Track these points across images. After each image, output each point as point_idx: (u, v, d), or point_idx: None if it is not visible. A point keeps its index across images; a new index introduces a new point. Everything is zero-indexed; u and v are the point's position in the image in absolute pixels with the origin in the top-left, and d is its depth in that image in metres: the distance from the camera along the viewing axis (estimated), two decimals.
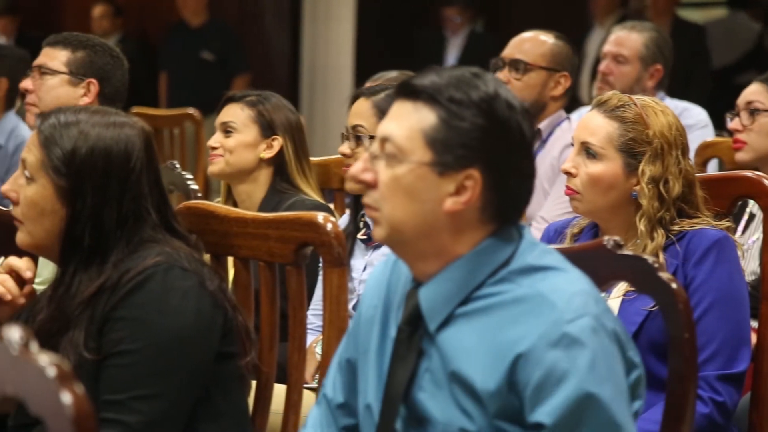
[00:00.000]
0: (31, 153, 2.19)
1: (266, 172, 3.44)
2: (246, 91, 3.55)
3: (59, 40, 3.43)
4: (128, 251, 2.16)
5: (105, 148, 2.17)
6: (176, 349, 2.12)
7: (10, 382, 1.30)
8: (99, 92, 3.40)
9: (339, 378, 1.98)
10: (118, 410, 2.07)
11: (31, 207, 2.18)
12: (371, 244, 3.20)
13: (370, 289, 1.96)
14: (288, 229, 2.36)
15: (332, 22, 8.97)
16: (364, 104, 3.22)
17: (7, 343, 1.31)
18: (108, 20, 8.95)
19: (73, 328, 2.13)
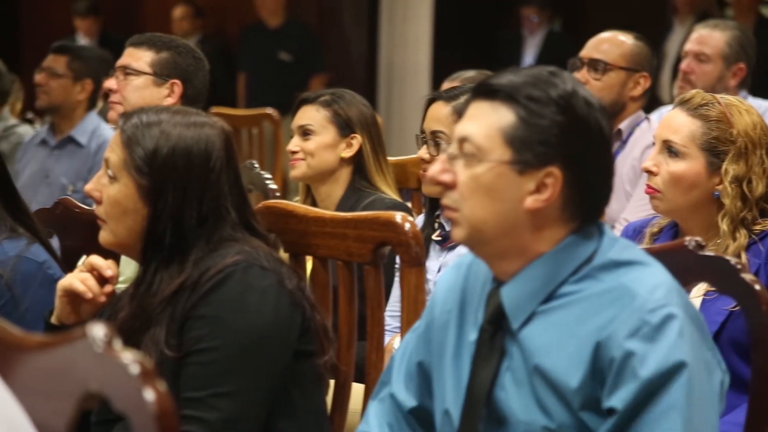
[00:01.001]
0: (114, 153, 2.21)
1: (346, 171, 3.45)
2: (319, 92, 3.55)
3: (143, 40, 3.46)
4: (208, 250, 2.17)
5: (186, 147, 2.19)
6: (255, 347, 2.13)
7: (94, 379, 1.32)
8: (182, 93, 3.42)
9: (411, 381, 1.98)
10: (198, 407, 2.08)
11: (113, 206, 2.21)
12: (446, 245, 3.19)
13: (443, 294, 1.95)
14: (366, 228, 2.36)
15: (410, 22, 8.97)
16: (443, 109, 3.19)
17: (91, 340, 1.32)
18: (188, 21, 9.03)
19: (154, 326, 2.15)
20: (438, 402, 1.92)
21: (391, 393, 1.99)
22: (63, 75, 4.98)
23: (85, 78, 5.01)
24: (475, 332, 1.87)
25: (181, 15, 9.04)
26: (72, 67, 5.00)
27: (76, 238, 2.86)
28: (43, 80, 5.00)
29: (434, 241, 3.22)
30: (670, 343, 1.72)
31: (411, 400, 1.97)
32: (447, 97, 3.19)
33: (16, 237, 2.51)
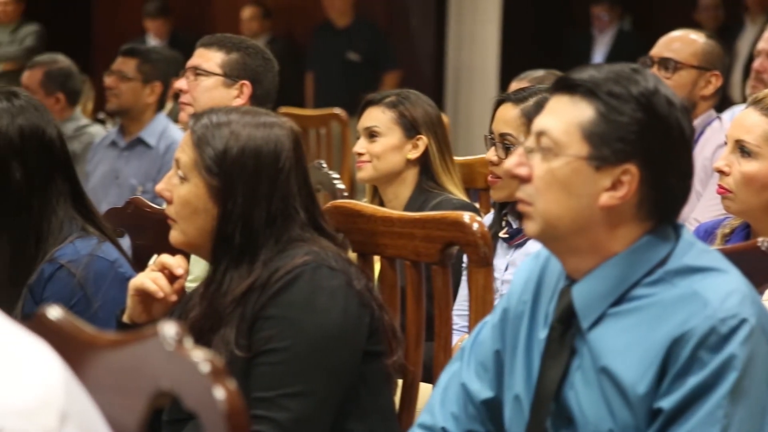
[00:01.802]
0: (185, 153, 2.22)
1: (413, 171, 3.45)
2: (384, 92, 3.55)
3: (214, 41, 3.48)
4: (277, 250, 2.18)
5: (255, 147, 2.20)
6: (324, 348, 2.13)
7: (165, 377, 1.33)
8: (251, 94, 3.44)
9: (486, 372, 1.97)
10: (268, 407, 2.09)
11: (184, 206, 2.22)
12: (513, 242, 3.18)
13: (520, 284, 1.95)
14: (434, 228, 2.36)
15: (478, 22, 8.95)
16: (511, 111, 3.17)
17: (163, 338, 1.33)
18: (257, 21, 9.08)
19: (224, 325, 2.17)
20: (508, 388, 1.91)
21: (462, 383, 1.98)
22: (132, 78, 5.03)
23: (154, 80, 5.05)
24: (545, 330, 1.86)
25: (249, 16, 9.09)
26: (141, 69, 5.05)
27: (147, 237, 2.89)
28: (112, 83, 5.05)
29: (501, 238, 3.20)
30: (730, 351, 1.70)
31: (485, 391, 1.96)
32: (515, 99, 3.17)
33: (87, 236, 2.53)
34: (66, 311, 1.45)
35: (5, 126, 2.48)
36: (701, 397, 1.70)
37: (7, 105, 2.50)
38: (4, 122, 2.48)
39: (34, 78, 5.48)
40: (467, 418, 1.97)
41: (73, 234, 2.52)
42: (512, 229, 3.16)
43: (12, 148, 2.48)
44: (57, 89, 5.49)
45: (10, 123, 2.48)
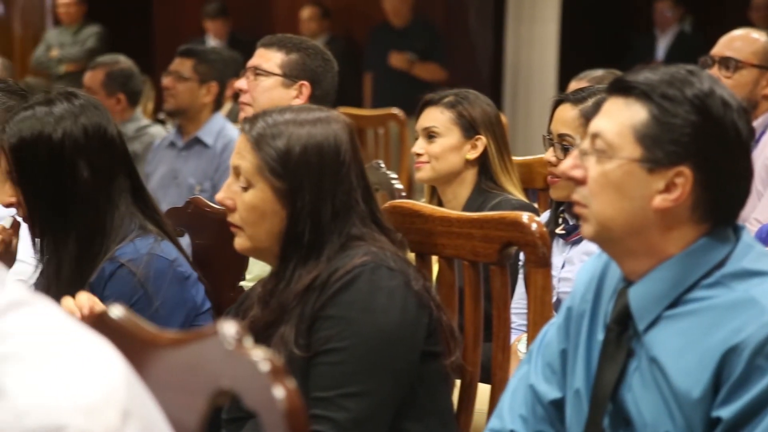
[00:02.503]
0: (245, 159, 2.21)
1: (471, 172, 3.44)
2: (443, 92, 3.54)
3: (274, 41, 3.50)
4: (339, 246, 2.18)
5: (317, 144, 2.20)
6: (383, 348, 2.13)
7: (225, 376, 1.34)
8: (310, 94, 3.45)
9: (553, 374, 1.96)
10: (326, 407, 2.10)
11: (251, 212, 2.21)
12: (569, 239, 3.16)
13: (583, 283, 1.94)
14: (492, 228, 2.36)
15: (536, 22, 8.92)
16: (570, 112, 3.15)
17: (222, 337, 1.34)
18: (316, 22, 9.10)
19: (284, 324, 2.17)
20: (570, 385, 1.91)
21: (530, 384, 1.98)
22: (189, 78, 5.07)
23: (210, 81, 5.08)
24: (602, 331, 1.86)
25: (308, 16, 9.12)
26: (198, 70, 5.08)
27: (207, 236, 2.91)
28: (170, 83, 5.09)
29: (558, 235, 3.19)
30: None
31: (553, 392, 1.96)
32: (574, 99, 3.15)
33: (146, 235, 2.55)
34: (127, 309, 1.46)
35: (69, 126, 2.51)
36: (764, 406, 1.68)
37: (69, 105, 2.53)
38: (68, 123, 2.51)
39: (96, 79, 5.54)
40: (536, 420, 1.97)
41: (133, 232, 2.53)
42: (569, 225, 3.15)
43: (78, 148, 2.51)
44: (118, 90, 5.54)
45: (73, 123, 2.51)
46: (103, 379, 1.14)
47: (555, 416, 1.96)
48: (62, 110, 2.52)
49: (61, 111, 2.52)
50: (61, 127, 2.50)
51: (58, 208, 2.51)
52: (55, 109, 2.52)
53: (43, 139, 2.50)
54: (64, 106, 2.53)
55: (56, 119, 2.51)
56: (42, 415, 1.07)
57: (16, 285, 1.20)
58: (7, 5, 10.09)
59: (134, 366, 1.22)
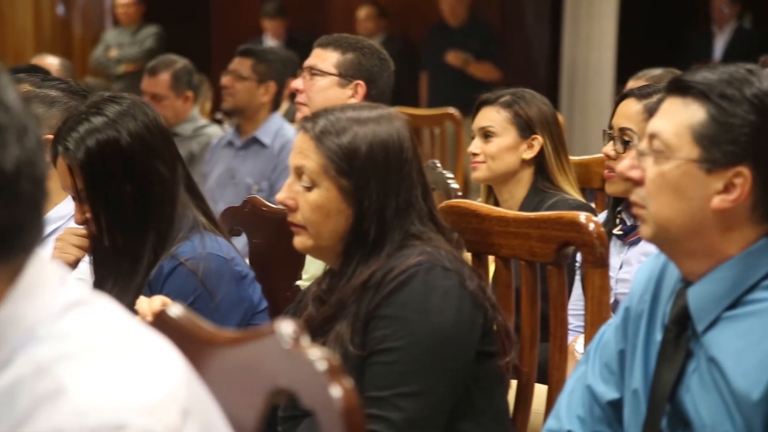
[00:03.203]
0: (309, 159, 2.20)
1: (528, 171, 3.43)
2: (499, 92, 3.53)
3: (330, 41, 3.51)
4: (398, 243, 2.18)
5: (381, 141, 2.20)
6: (437, 348, 2.13)
7: (282, 375, 1.34)
8: (366, 94, 3.45)
9: (611, 374, 1.95)
10: (382, 407, 2.10)
11: (316, 211, 2.21)
12: (627, 240, 3.14)
13: (642, 283, 1.93)
14: (549, 228, 2.35)
15: (594, 21, 8.87)
16: (634, 106, 3.14)
17: (280, 336, 1.35)
18: (372, 21, 9.11)
19: (340, 322, 2.18)
20: (628, 385, 1.90)
21: (588, 385, 1.97)
22: (247, 78, 5.09)
23: (268, 80, 5.10)
24: (660, 331, 1.84)
25: (365, 15, 9.13)
26: (256, 69, 5.10)
27: (264, 236, 2.92)
28: (228, 83, 5.12)
29: (615, 235, 3.17)
30: None
31: (611, 392, 1.95)
32: (639, 95, 3.14)
33: (204, 233, 2.56)
34: (185, 308, 1.47)
35: (132, 126, 2.50)
36: None
37: (119, 107, 2.51)
38: (129, 123, 2.50)
39: (163, 83, 5.52)
40: (593, 420, 1.96)
41: (191, 232, 2.54)
42: (626, 226, 3.13)
43: (147, 146, 2.50)
44: (186, 88, 5.56)
45: (134, 122, 2.51)
46: (163, 378, 1.14)
47: (613, 417, 1.95)
48: (116, 113, 2.50)
49: (116, 114, 2.50)
50: (124, 129, 2.49)
51: (138, 211, 2.49)
52: (109, 113, 2.50)
53: (111, 146, 2.47)
54: (115, 109, 2.51)
55: (116, 123, 2.49)
56: (103, 415, 1.07)
57: (77, 284, 1.21)
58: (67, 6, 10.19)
59: (193, 365, 1.23)
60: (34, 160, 1.14)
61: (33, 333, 1.14)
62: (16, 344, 1.14)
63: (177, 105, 5.52)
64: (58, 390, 1.09)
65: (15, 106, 1.14)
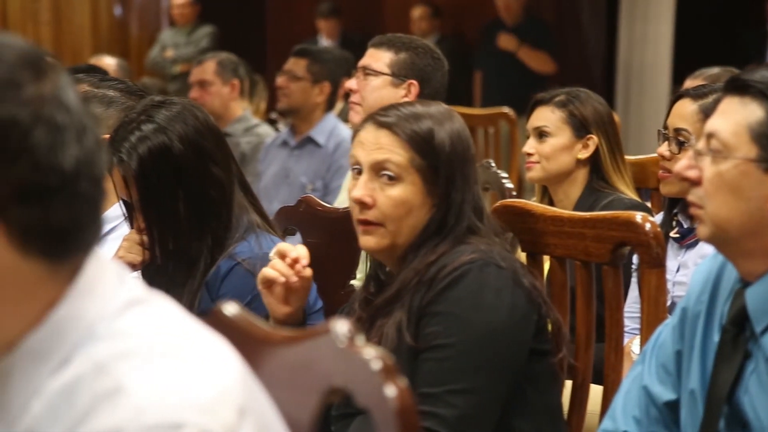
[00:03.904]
0: (393, 153, 2.19)
1: (583, 171, 3.42)
2: (554, 91, 3.52)
3: (384, 41, 3.51)
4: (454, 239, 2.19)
5: (458, 132, 2.22)
6: (490, 345, 2.13)
7: (337, 374, 1.34)
8: (419, 93, 3.45)
9: (668, 375, 1.94)
10: (434, 403, 2.10)
11: (399, 207, 2.20)
12: (684, 243, 3.12)
13: (699, 283, 1.92)
14: (605, 228, 2.34)
15: (650, 20, 8.81)
16: (689, 107, 3.12)
17: (334, 336, 1.35)
18: (426, 21, 9.11)
19: (395, 314, 2.18)
20: (684, 386, 1.89)
21: (644, 386, 1.96)
22: (302, 78, 5.10)
23: (323, 80, 5.11)
24: (718, 332, 1.83)
25: (419, 15, 9.13)
26: (311, 70, 5.12)
27: (318, 235, 2.93)
28: (283, 83, 5.14)
29: (672, 238, 3.15)
30: None
31: (667, 393, 1.94)
32: (694, 95, 3.12)
33: (260, 232, 2.57)
34: (242, 307, 1.48)
35: (183, 131, 2.48)
36: None
37: (169, 112, 2.50)
38: (179, 128, 2.48)
39: (209, 70, 5.60)
40: (649, 421, 1.95)
41: (248, 231, 2.55)
42: (683, 229, 3.11)
43: (200, 149, 2.49)
44: (231, 76, 5.61)
45: (184, 126, 2.49)
46: (220, 376, 1.15)
47: (669, 418, 1.94)
48: (166, 118, 2.49)
49: (166, 119, 2.48)
50: (174, 135, 2.47)
51: (194, 217, 2.50)
52: (159, 119, 2.48)
53: (163, 153, 2.46)
54: (165, 114, 2.49)
55: (166, 129, 2.48)
56: (161, 413, 1.08)
57: (135, 283, 1.22)
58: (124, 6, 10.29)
59: (249, 363, 1.24)
60: (93, 160, 1.16)
61: (92, 331, 1.15)
62: (75, 343, 1.15)
63: (224, 92, 5.57)
64: (117, 388, 1.10)
65: (75, 106, 1.16)
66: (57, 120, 1.13)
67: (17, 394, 1.15)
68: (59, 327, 1.15)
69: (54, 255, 1.15)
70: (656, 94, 8.60)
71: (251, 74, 6.01)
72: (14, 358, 1.15)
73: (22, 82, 1.13)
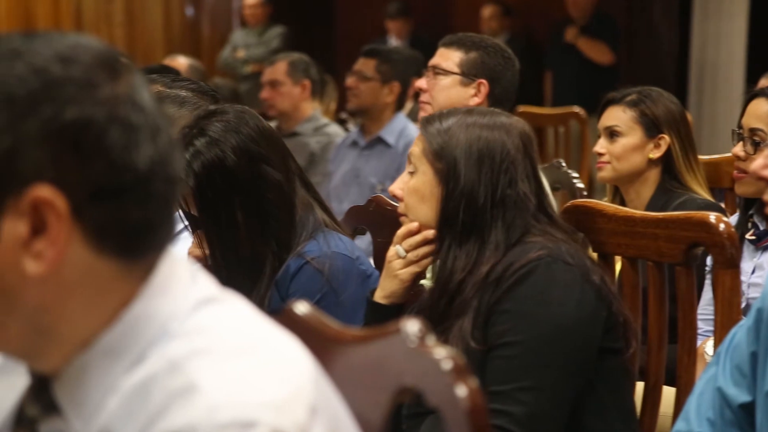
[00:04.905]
0: (415, 146, 2.30)
1: (655, 171, 3.39)
2: (625, 90, 3.49)
3: (454, 41, 3.51)
4: (510, 237, 2.18)
5: (479, 133, 2.24)
6: (558, 342, 2.12)
7: (408, 374, 1.34)
8: (489, 92, 3.44)
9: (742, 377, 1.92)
10: (503, 401, 2.10)
11: (412, 195, 2.29)
12: (760, 245, 3.08)
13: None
14: (678, 228, 2.31)
15: (724, 18, 8.71)
16: (764, 106, 3.08)
17: (405, 335, 1.35)
18: (497, 20, 9.09)
19: (461, 317, 2.18)
20: (760, 389, 1.86)
21: (718, 387, 1.94)
22: (372, 78, 5.11)
23: (392, 80, 5.12)
24: None
25: (490, 14, 9.11)
26: (380, 70, 5.12)
27: (388, 235, 2.92)
28: (353, 83, 5.15)
29: (748, 240, 3.11)
30: None
31: (742, 395, 1.91)
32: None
33: (328, 233, 2.57)
34: (312, 306, 1.48)
35: (237, 142, 2.48)
36: None
37: (222, 124, 2.49)
38: (234, 140, 2.48)
39: (280, 70, 5.64)
40: (724, 423, 1.93)
41: (317, 231, 2.56)
42: (759, 230, 3.07)
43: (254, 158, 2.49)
44: (302, 76, 5.64)
45: (238, 137, 2.48)
46: (291, 375, 1.15)
47: (744, 420, 1.91)
48: (219, 130, 2.48)
49: (218, 131, 2.48)
50: (228, 146, 2.47)
51: (254, 226, 2.50)
52: (212, 131, 2.48)
53: (217, 167, 2.46)
54: (217, 126, 2.49)
55: (219, 142, 2.47)
56: (234, 411, 1.09)
57: (208, 282, 1.23)
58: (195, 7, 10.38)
59: (320, 362, 1.24)
60: (166, 160, 1.17)
61: (165, 330, 1.16)
62: (149, 341, 1.16)
63: (294, 93, 5.59)
64: (190, 386, 1.11)
65: (148, 106, 1.17)
66: (131, 120, 1.14)
67: (93, 391, 1.16)
68: (133, 325, 1.17)
69: (128, 254, 1.16)
70: (730, 93, 8.49)
71: (322, 74, 6.03)
72: (90, 355, 1.17)
73: (98, 83, 1.14)
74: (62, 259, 1.13)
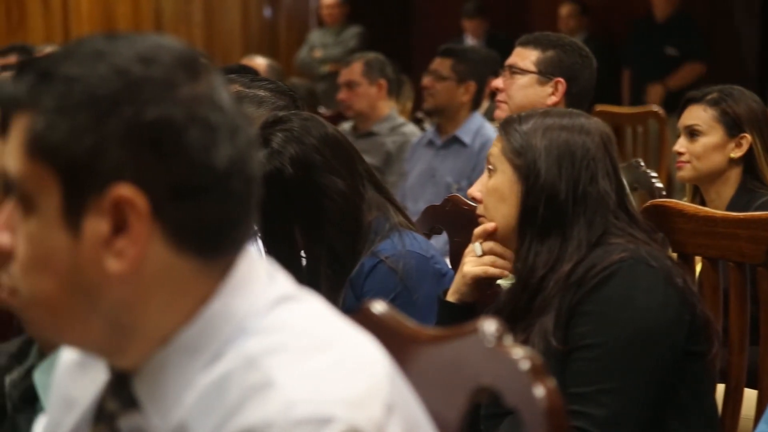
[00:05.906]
0: (494, 146, 2.29)
1: (736, 170, 3.35)
2: (706, 89, 3.45)
3: (531, 40, 3.50)
4: (592, 236, 2.17)
5: (558, 132, 2.23)
6: (641, 344, 2.10)
7: (485, 374, 1.34)
8: (566, 91, 3.42)
9: None
10: (584, 403, 2.09)
11: (492, 195, 2.27)
12: None
13: None
14: (760, 228, 2.29)
15: None
16: None
17: (482, 335, 1.35)
18: (574, 19, 9.03)
19: (543, 315, 2.17)
20: None
21: None
22: (448, 77, 5.10)
23: (468, 80, 5.10)
24: None
25: (567, 13, 9.06)
26: (456, 69, 5.11)
27: (465, 234, 2.92)
28: (429, 83, 5.14)
29: None
30: None
31: None
32: None
33: (403, 232, 2.57)
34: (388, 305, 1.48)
35: (297, 153, 2.47)
36: None
37: (284, 134, 2.50)
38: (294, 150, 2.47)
39: (356, 70, 5.66)
40: None
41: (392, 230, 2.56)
42: None
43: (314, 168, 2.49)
44: (378, 76, 5.65)
45: (299, 148, 2.48)
46: (367, 373, 1.15)
47: None
48: (281, 140, 2.49)
49: (280, 142, 2.48)
50: (287, 157, 2.47)
51: (311, 231, 2.51)
52: (275, 142, 2.49)
53: (275, 178, 2.45)
54: (280, 136, 2.49)
55: (279, 154, 2.48)
56: (310, 407, 1.09)
57: (285, 280, 1.24)
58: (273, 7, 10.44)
59: (396, 361, 1.24)
60: (245, 159, 1.18)
61: (243, 327, 1.17)
62: (227, 338, 1.17)
63: (371, 93, 5.60)
64: (267, 383, 1.11)
65: (227, 106, 1.18)
66: (211, 120, 1.15)
67: (171, 387, 1.17)
68: (211, 322, 1.18)
69: (207, 252, 1.17)
70: None
71: (398, 74, 6.04)
72: (168, 351, 1.18)
73: (178, 83, 1.15)
74: (143, 257, 1.14)
